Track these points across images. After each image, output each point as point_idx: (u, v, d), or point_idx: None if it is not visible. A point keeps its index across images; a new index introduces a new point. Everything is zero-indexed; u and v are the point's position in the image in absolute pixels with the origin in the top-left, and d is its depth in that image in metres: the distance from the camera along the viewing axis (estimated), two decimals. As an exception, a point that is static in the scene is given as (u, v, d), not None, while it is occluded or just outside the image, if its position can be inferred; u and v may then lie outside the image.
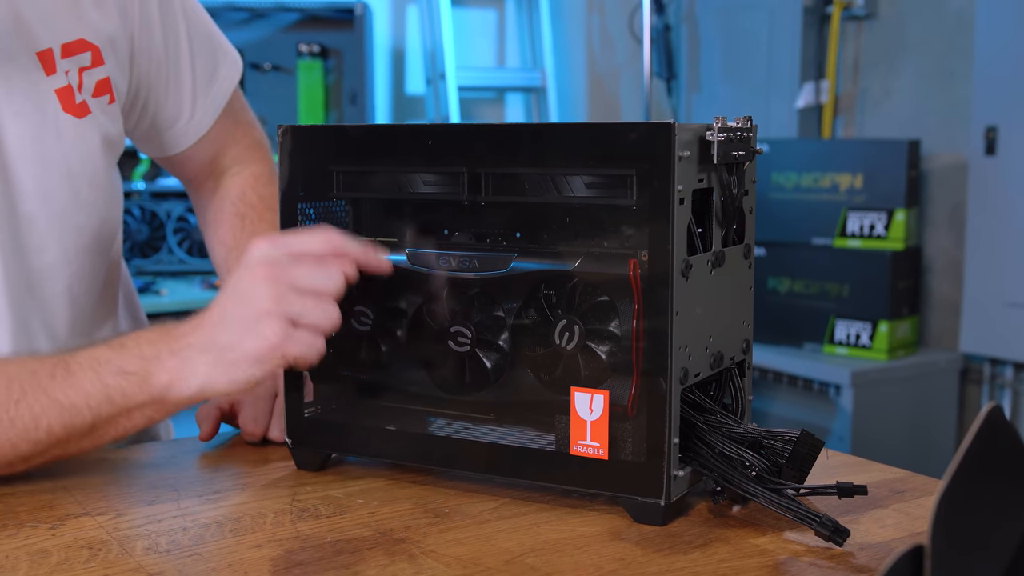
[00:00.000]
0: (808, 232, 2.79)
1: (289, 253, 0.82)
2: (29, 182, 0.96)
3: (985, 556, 0.56)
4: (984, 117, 2.52)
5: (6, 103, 0.95)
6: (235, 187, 1.19)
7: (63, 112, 0.98)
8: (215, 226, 1.20)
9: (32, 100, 0.96)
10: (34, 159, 0.96)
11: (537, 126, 0.86)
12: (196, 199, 1.24)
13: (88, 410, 0.84)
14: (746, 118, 0.83)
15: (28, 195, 0.97)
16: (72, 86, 0.99)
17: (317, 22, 3.45)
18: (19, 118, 0.96)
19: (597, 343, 0.82)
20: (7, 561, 0.73)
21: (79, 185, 1.00)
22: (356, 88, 3.39)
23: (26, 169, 0.96)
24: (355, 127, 0.90)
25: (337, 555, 0.74)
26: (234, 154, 1.20)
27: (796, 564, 0.73)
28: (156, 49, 1.09)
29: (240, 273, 0.83)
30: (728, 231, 0.85)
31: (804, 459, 0.80)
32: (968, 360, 2.70)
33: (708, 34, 3.39)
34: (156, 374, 0.83)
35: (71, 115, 0.98)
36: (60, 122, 0.98)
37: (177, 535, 0.77)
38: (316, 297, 0.81)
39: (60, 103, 0.98)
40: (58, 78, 0.98)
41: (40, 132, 0.97)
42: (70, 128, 0.99)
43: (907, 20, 2.83)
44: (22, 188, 0.96)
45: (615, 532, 0.78)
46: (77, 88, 0.99)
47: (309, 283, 0.81)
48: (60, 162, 0.98)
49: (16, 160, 0.96)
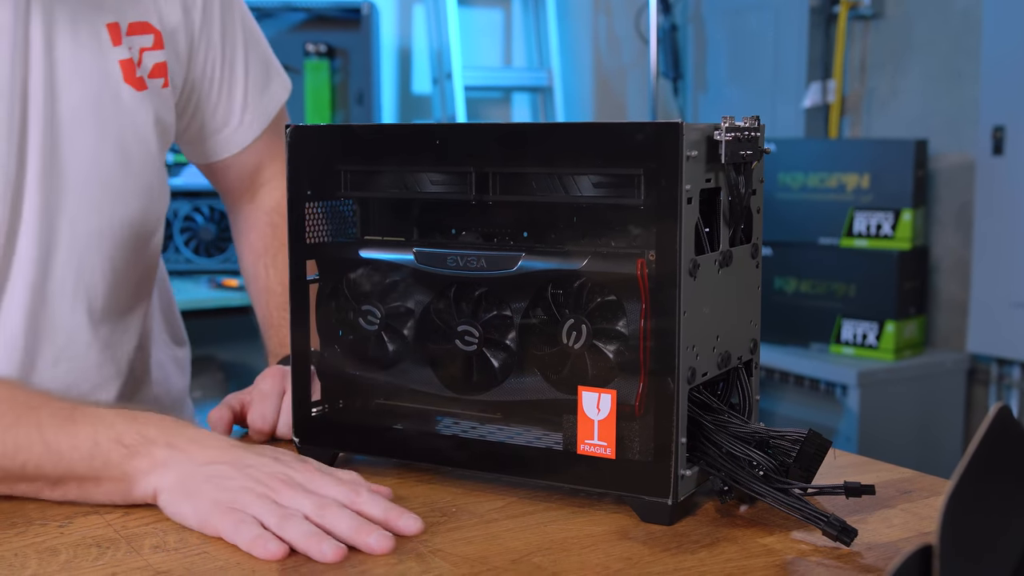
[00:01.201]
0: (815, 232, 2.79)
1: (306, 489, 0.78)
2: (81, 146, 0.98)
3: (993, 556, 0.56)
4: (991, 117, 2.52)
5: (72, 63, 0.97)
6: (271, 198, 1.22)
7: (124, 82, 1.00)
8: (246, 233, 1.23)
9: (97, 64, 0.99)
10: (90, 123, 0.98)
11: (545, 126, 0.86)
12: (232, 211, 1.26)
13: (67, 461, 0.81)
14: (754, 118, 0.83)
15: (79, 158, 0.98)
16: (133, 61, 1.01)
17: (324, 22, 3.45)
18: (81, 80, 0.98)
19: (604, 342, 0.82)
20: (16, 559, 0.73)
21: (131, 156, 1.02)
22: (363, 88, 3.39)
23: (80, 132, 0.98)
24: (363, 127, 0.90)
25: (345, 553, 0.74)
26: (274, 169, 1.22)
27: (803, 564, 0.73)
28: (213, 52, 1.11)
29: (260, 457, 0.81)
30: (736, 231, 0.85)
31: (811, 459, 0.80)
32: (975, 360, 2.70)
33: (715, 34, 3.39)
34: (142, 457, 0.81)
35: (131, 86, 1.01)
36: (120, 91, 1.00)
37: (185, 533, 0.77)
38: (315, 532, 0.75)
39: (122, 73, 1.00)
40: (122, 50, 1.00)
41: (100, 97, 0.99)
42: (128, 98, 1.01)
43: (914, 20, 2.82)
44: (73, 150, 0.97)
45: (622, 531, 0.78)
46: (137, 64, 1.02)
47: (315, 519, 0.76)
48: (115, 131, 1.00)
49: (70, 123, 0.97)
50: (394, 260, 0.90)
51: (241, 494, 0.77)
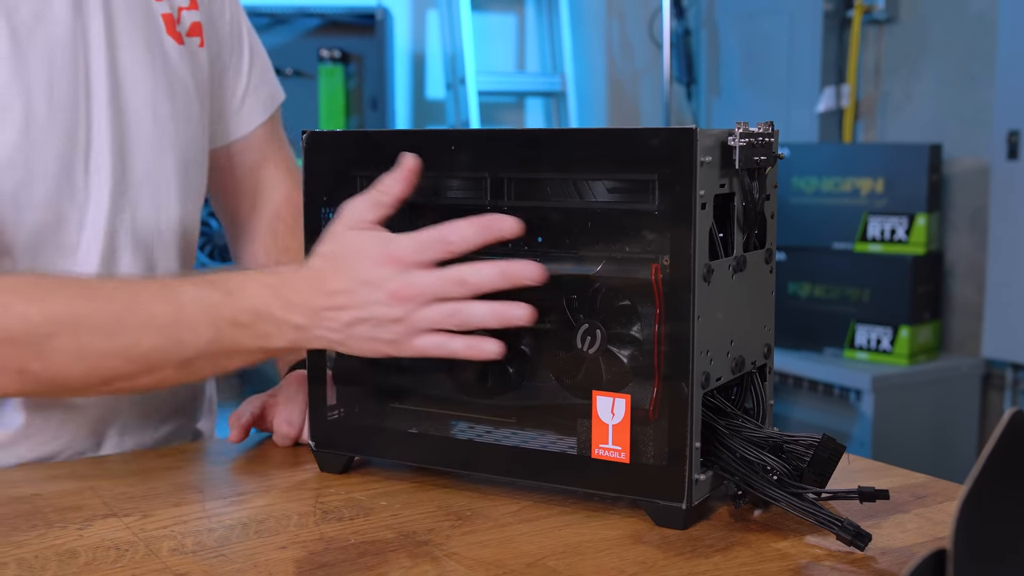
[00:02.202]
0: (829, 237, 2.78)
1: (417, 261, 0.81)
2: (140, 92, 1.02)
3: (1008, 561, 0.56)
4: (1006, 121, 2.51)
5: (126, 16, 1.01)
6: (271, 205, 1.23)
7: (166, 35, 1.05)
8: (249, 243, 1.23)
9: (145, 17, 1.03)
10: (146, 71, 1.02)
11: (560, 131, 0.86)
12: (229, 216, 1.27)
13: (194, 346, 0.84)
14: (768, 123, 0.83)
15: (140, 104, 1.02)
16: (173, 16, 1.05)
17: (338, 27, 3.47)
18: (133, 31, 1.01)
19: (619, 347, 0.82)
20: (36, 561, 0.74)
21: (180, 103, 1.06)
22: (377, 93, 3.41)
23: (139, 79, 1.01)
24: (378, 132, 0.91)
25: (361, 557, 0.74)
26: (270, 173, 1.23)
27: (817, 568, 0.73)
28: (223, 32, 1.15)
29: (369, 249, 0.82)
30: (750, 236, 0.85)
31: (825, 463, 0.80)
32: (990, 365, 2.69)
33: (728, 39, 3.39)
34: (273, 337, 0.84)
35: (173, 39, 1.05)
36: (164, 43, 1.05)
37: (203, 536, 0.78)
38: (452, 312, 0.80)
39: (165, 26, 1.05)
40: (164, 5, 1.05)
41: (150, 47, 1.03)
42: (172, 50, 1.05)
43: (928, 24, 2.82)
44: (132, 96, 1.01)
45: (636, 535, 0.78)
46: (176, 20, 1.06)
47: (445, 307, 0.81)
48: (164, 78, 1.04)
49: (130, 69, 1.01)
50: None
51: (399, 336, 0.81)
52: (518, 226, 0.80)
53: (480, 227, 0.80)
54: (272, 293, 0.84)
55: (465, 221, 0.81)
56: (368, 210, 0.85)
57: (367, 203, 0.85)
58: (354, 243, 0.83)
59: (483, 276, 0.80)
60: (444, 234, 0.80)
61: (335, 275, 0.82)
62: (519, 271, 0.79)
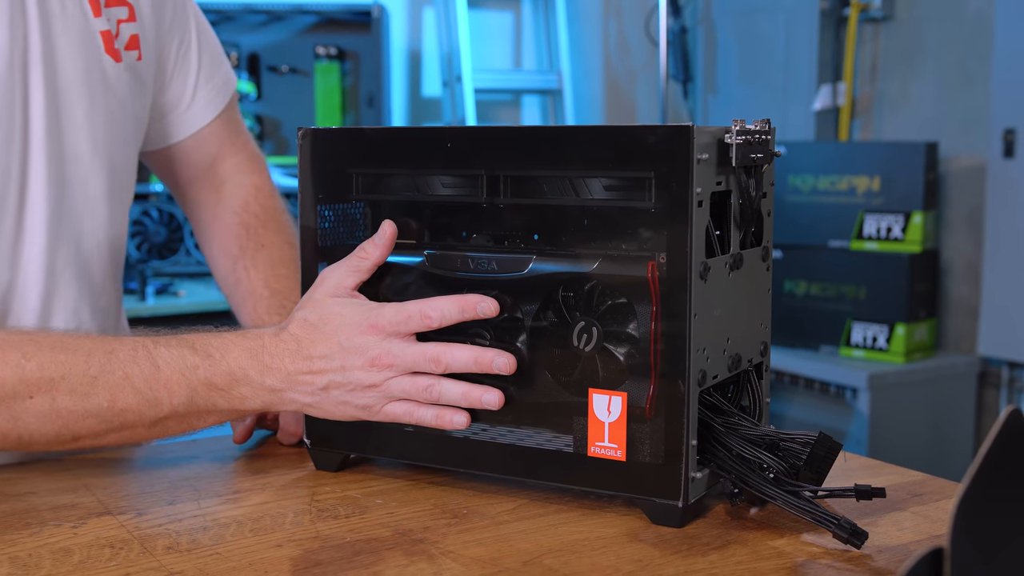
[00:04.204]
0: (825, 235, 2.78)
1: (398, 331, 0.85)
2: (79, 115, 1.00)
3: (1004, 560, 0.56)
4: (1002, 120, 2.51)
5: (64, 37, 0.99)
6: (238, 198, 1.20)
7: (104, 53, 1.02)
8: (218, 236, 1.20)
9: (84, 36, 1.00)
10: (84, 93, 1.00)
11: (556, 129, 0.86)
12: (194, 210, 1.24)
13: (168, 406, 0.86)
14: (764, 121, 0.83)
15: (77, 128, 1.00)
16: (111, 32, 1.03)
17: (334, 25, 3.46)
18: (73, 51, 0.99)
19: (615, 345, 0.82)
20: (30, 559, 0.73)
21: (118, 123, 1.04)
22: (373, 90, 3.40)
23: (77, 102, 1.00)
24: (374, 129, 0.91)
25: (356, 555, 0.74)
26: (233, 163, 1.21)
27: (814, 566, 0.73)
28: (165, 27, 1.11)
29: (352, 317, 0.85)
30: (746, 233, 0.85)
31: (822, 461, 0.80)
32: (986, 363, 2.69)
33: (725, 37, 3.39)
34: (248, 399, 0.87)
35: (111, 57, 1.02)
36: (103, 62, 1.02)
37: (198, 534, 0.78)
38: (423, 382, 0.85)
39: (104, 45, 1.02)
40: (102, 22, 1.02)
41: (89, 68, 1.01)
42: (110, 69, 1.02)
43: (925, 22, 2.82)
44: (72, 120, 0.99)
45: (633, 533, 0.78)
46: (115, 35, 1.03)
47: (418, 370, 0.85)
48: (103, 100, 1.02)
49: (68, 92, 0.99)
50: (405, 263, 0.90)
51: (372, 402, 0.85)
52: (494, 308, 0.85)
53: (461, 307, 0.85)
54: (250, 357, 0.86)
55: (447, 299, 0.85)
56: (348, 277, 0.88)
57: (347, 270, 0.88)
58: (336, 310, 0.86)
59: (456, 359, 0.84)
60: (425, 310, 0.84)
61: (316, 342, 0.85)
62: (490, 360, 0.84)
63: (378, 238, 0.88)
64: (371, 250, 0.88)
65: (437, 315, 0.84)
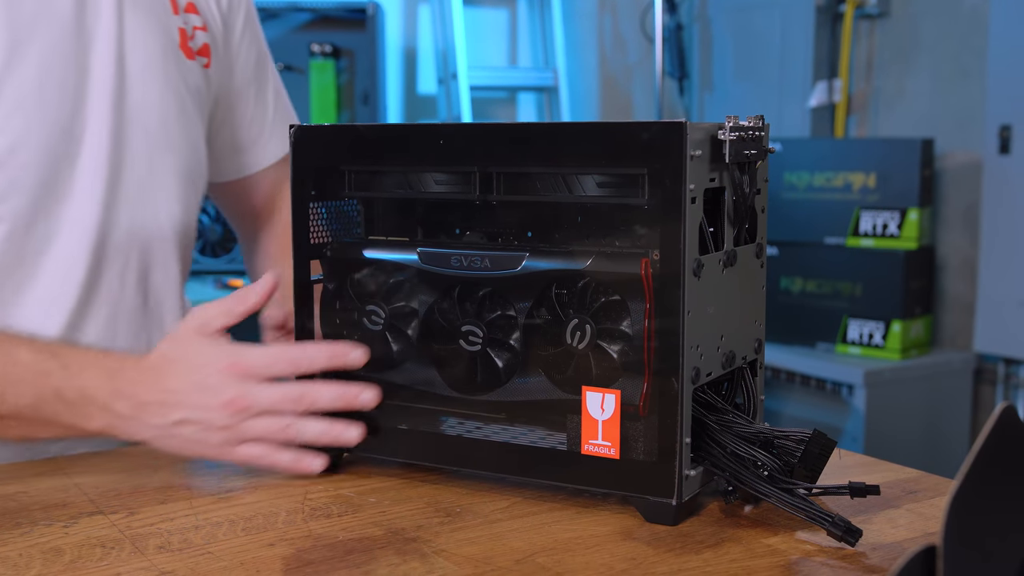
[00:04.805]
0: (821, 231, 2.78)
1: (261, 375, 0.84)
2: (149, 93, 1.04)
3: (997, 556, 0.56)
4: (998, 116, 2.51)
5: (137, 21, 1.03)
6: (283, 221, 1.26)
7: (179, 47, 1.08)
8: (264, 243, 1.27)
9: (162, 27, 1.06)
10: (159, 74, 1.05)
11: (549, 125, 0.86)
12: (247, 237, 1.30)
13: (13, 405, 0.87)
14: (758, 117, 0.83)
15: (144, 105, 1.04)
16: (187, 32, 1.08)
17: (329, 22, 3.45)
18: (147, 35, 1.04)
19: (609, 342, 0.82)
20: (21, 559, 0.73)
21: (188, 110, 1.08)
22: (368, 88, 3.39)
23: (147, 80, 1.04)
24: (367, 126, 0.90)
25: (349, 554, 0.74)
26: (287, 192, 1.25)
27: (808, 564, 0.72)
28: (248, 63, 1.18)
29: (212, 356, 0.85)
30: (740, 230, 0.85)
31: (816, 459, 0.80)
32: (982, 360, 2.69)
33: (720, 33, 3.38)
34: (91, 417, 0.86)
35: (183, 52, 1.09)
36: (177, 54, 1.08)
37: (189, 534, 0.78)
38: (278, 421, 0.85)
39: (179, 38, 1.07)
40: (179, 20, 1.09)
41: (165, 53, 1.06)
42: (183, 63, 1.08)
43: (920, 19, 2.82)
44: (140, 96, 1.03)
45: (626, 532, 0.78)
46: (190, 37, 1.09)
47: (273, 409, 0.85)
48: (175, 85, 1.07)
49: (137, 71, 1.03)
50: (398, 260, 0.90)
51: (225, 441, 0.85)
52: (364, 359, 0.86)
53: (330, 356, 0.85)
54: (106, 377, 0.86)
55: (315, 347, 0.86)
56: (217, 317, 0.88)
57: (218, 310, 0.88)
58: (198, 348, 0.86)
59: (320, 396, 0.84)
60: (294, 357, 0.85)
61: (172, 375, 0.85)
62: (355, 395, 0.84)
63: (259, 286, 0.89)
64: (250, 297, 0.89)
65: (306, 363, 0.85)
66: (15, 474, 0.92)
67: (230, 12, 1.16)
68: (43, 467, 0.94)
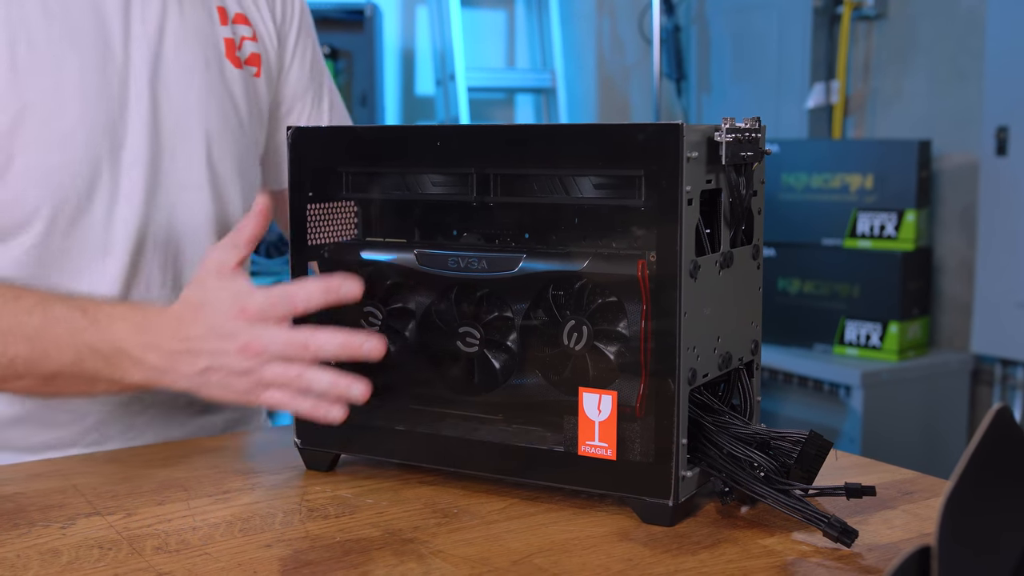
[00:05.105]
0: (818, 233, 2.78)
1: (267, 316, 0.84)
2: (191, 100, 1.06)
3: (992, 557, 0.56)
4: (995, 117, 2.51)
5: (180, 29, 1.06)
6: None
7: (225, 57, 1.10)
8: None
9: (208, 37, 1.09)
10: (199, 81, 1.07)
11: (546, 127, 0.86)
12: None
13: (57, 362, 0.87)
14: (754, 119, 0.83)
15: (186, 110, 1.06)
16: (235, 43, 1.10)
17: (327, 23, 3.45)
18: (189, 44, 1.06)
19: (605, 344, 0.82)
20: (18, 560, 0.73)
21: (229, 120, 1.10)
22: (366, 89, 3.40)
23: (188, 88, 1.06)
24: (365, 128, 0.91)
25: (346, 555, 0.74)
26: None
27: (804, 565, 0.73)
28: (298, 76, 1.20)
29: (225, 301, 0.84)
30: (736, 232, 0.85)
31: (812, 460, 0.80)
32: (979, 361, 2.69)
33: (718, 34, 3.38)
34: (129, 371, 0.86)
35: (231, 62, 1.11)
36: (223, 63, 1.10)
37: (187, 535, 0.78)
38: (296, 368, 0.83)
39: (226, 49, 1.10)
40: (227, 30, 1.11)
41: (208, 61, 1.08)
42: (229, 71, 1.10)
43: (918, 20, 2.82)
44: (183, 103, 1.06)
45: (623, 532, 0.78)
46: (238, 47, 1.11)
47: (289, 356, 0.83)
48: (219, 94, 1.09)
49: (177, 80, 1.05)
50: (396, 262, 0.90)
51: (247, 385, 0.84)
52: (358, 288, 0.83)
53: (324, 289, 0.84)
54: (134, 330, 0.86)
55: (311, 281, 0.85)
56: (229, 254, 0.87)
57: (226, 247, 0.87)
58: (213, 293, 0.86)
59: (324, 343, 0.83)
60: (290, 293, 0.84)
61: (193, 322, 0.85)
62: (358, 344, 0.83)
63: (252, 214, 0.88)
64: (245, 223, 0.88)
65: (303, 298, 0.83)
66: (12, 475, 0.92)
67: (283, 23, 1.18)
68: (40, 468, 0.94)
